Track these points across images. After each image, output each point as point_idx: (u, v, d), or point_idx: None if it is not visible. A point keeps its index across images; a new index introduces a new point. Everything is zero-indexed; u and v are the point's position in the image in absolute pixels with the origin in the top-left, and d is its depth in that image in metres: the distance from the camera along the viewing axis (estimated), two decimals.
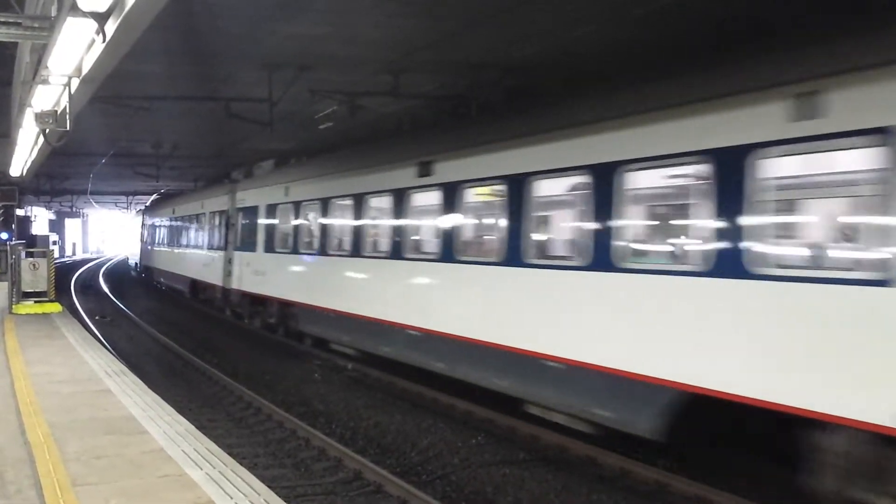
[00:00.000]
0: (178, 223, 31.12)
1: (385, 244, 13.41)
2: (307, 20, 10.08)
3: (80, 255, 73.79)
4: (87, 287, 36.55)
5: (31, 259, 18.55)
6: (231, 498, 5.54)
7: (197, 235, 27.22)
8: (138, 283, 41.09)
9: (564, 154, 9.43)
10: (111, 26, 7.57)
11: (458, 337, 11.15)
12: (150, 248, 39.42)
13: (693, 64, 8.15)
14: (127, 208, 52.03)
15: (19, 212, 36.37)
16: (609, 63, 11.04)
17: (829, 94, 6.36)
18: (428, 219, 12.70)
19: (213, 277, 24.07)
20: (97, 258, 67.70)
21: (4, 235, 31.51)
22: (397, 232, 12.92)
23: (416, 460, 9.59)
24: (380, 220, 13.94)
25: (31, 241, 33.87)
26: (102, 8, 7.26)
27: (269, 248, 18.78)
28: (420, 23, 10.10)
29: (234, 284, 21.57)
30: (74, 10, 7.26)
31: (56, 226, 67.57)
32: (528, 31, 10.37)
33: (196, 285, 27.31)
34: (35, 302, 18.13)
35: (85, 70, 9.71)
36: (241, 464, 6.72)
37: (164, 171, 27.88)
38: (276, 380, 14.46)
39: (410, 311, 12.38)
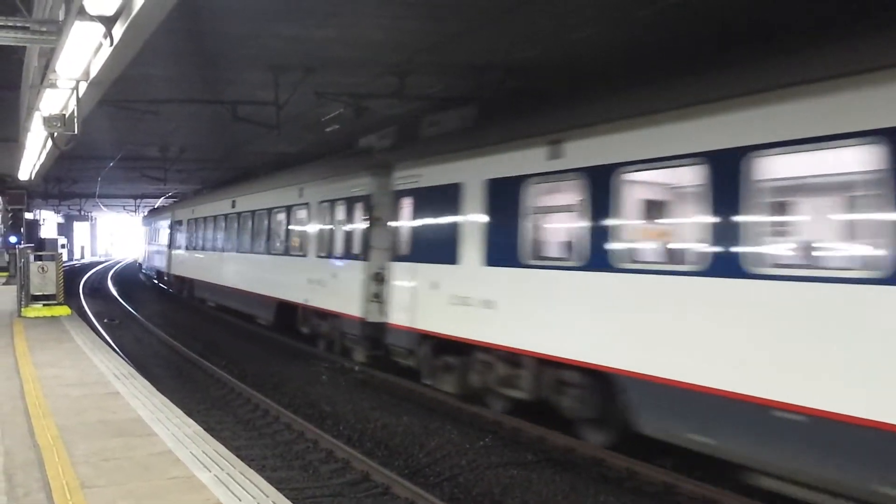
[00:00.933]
0: (245, 220, 22.30)
1: None
2: (312, 23, 10.12)
3: (88, 259, 74.06)
4: (96, 290, 36.66)
5: (40, 262, 18.61)
6: (239, 500, 5.56)
7: (291, 237, 18.73)
8: (146, 286, 41.20)
9: None
10: (118, 30, 7.61)
11: None
12: (183, 252, 30.53)
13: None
14: (135, 211, 52.08)
15: (28, 215, 36.49)
16: (611, 64, 11.05)
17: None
18: None
19: (338, 303, 15.53)
20: (105, 261, 67.96)
21: (13, 239, 31.65)
22: None
23: (423, 462, 9.59)
24: None
25: (40, 245, 34.06)
26: (110, 11, 7.31)
27: (503, 258, 10.44)
28: (424, 25, 10.13)
29: (397, 318, 13.02)
30: (82, 13, 7.30)
31: (64, 229, 67.84)
32: (531, 33, 10.38)
33: (292, 311, 18.40)
34: (44, 305, 18.19)
35: (93, 74, 9.77)
36: (249, 466, 6.74)
37: (171, 173, 27.98)
38: (284, 382, 14.48)
39: None
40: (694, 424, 7.73)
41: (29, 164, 22.16)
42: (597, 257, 8.95)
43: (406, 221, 13.08)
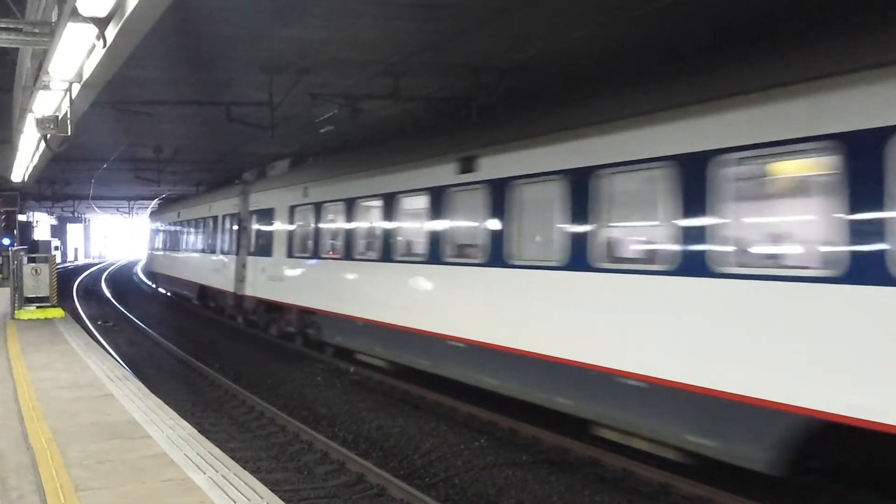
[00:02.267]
0: (603, 190, 8.76)
1: None
2: (307, 24, 10.11)
3: (82, 261, 73.89)
4: (90, 292, 36.56)
5: (33, 264, 18.54)
6: (234, 502, 5.54)
7: None
8: (140, 288, 41.09)
9: None
10: (112, 31, 7.59)
11: None
12: (286, 264, 17.87)
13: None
14: (128, 213, 51.97)
15: (21, 217, 36.38)
16: (608, 64, 11.06)
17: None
18: None
19: None
20: (99, 263, 67.82)
21: (6, 241, 31.54)
22: None
23: (418, 463, 9.59)
24: None
25: (33, 247, 33.95)
26: (103, 13, 7.28)
27: None
28: (419, 25, 10.13)
29: None
30: (75, 15, 7.28)
31: (58, 231, 67.67)
32: (527, 33, 10.39)
33: None
34: (37, 307, 18.12)
35: (86, 75, 9.73)
36: (243, 468, 6.72)
37: (165, 175, 27.92)
38: (279, 383, 14.46)
39: None
40: None
41: (22, 166, 22.08)
42: None
43: None
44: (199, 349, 18.44)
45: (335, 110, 15.16)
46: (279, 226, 18.46)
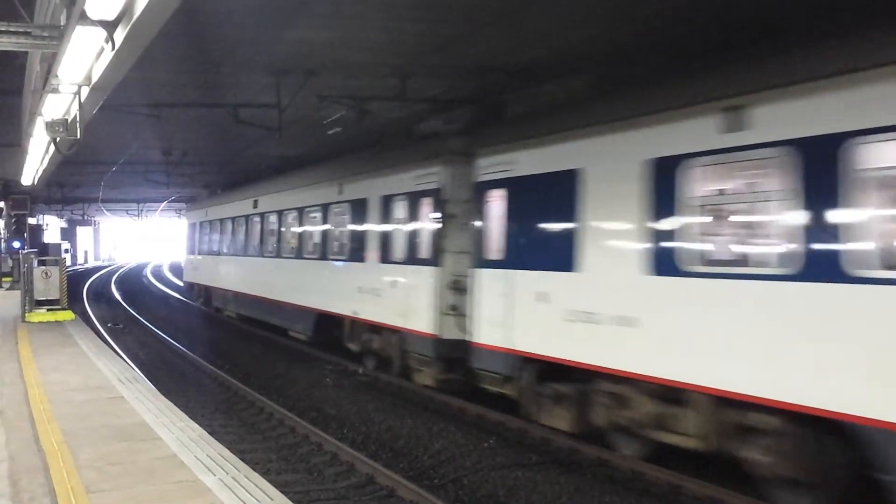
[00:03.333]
0: None
1: None
2: (312, 26, 10.12)
3: (91, 263, 74.17)
4: (100, 295, 36.69)
5: (44, 267, 18.65)
6: (244, 503, 5.56)
7: None
8: (150, 291, 41.20)
9: None
10: (120, 34, 7.62)
11: None
12: None
13: None
14: (138, 216, 52.10)
15: (31, 220, 36.54)
16: (613, 65, 11.04)
17: None
18: None
19: None
20: (109, 266, 68.08)
21: (17, 244, 31.69)
22: None
23: (428, 464, 9.59)
24: None
25: (43, 250, 34.06)
26: (111, 16, 7.31)
27: None
28: (426, 27, 10.13)
29: None
30: (83, 18, 7.31)
31: (68, 234, 67.92)
32: (533, 34, 10.38)
33: None
34: (48, 310, 18.23)
35: (94, 78, 9.77)
36: (253, 469, 6.75)
37: (174, 178, 27.99)
38: (288, 385, 14.49)
39: None
40: None
41: (32, 169, 22.18)
42: None
43: None
44: (209, 351, 18.49)
45: (343, 112, 15.17)
46: (600, 209, 9.23)
